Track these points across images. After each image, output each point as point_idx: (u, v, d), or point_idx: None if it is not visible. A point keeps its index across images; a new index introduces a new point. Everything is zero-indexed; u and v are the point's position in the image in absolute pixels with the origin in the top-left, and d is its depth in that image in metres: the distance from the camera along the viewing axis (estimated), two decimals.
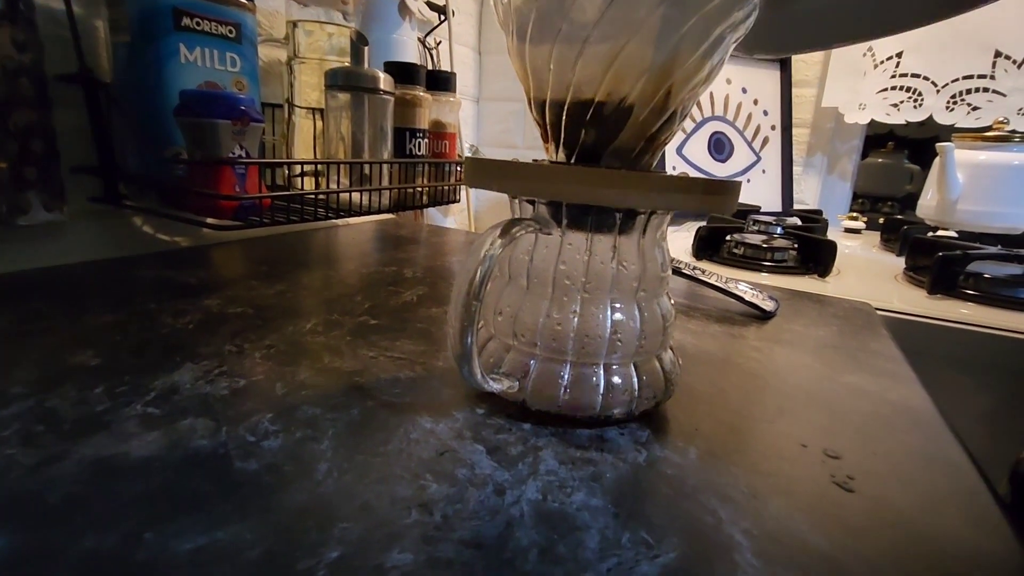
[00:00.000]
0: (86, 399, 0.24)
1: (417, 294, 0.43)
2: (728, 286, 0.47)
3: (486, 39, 1.07)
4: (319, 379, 0.27)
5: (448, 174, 0.63)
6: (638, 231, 0.23)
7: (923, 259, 0.69)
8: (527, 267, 0.24)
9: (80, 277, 0.42)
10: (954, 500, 0.21)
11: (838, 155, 1.20)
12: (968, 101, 0.92)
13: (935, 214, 0.87)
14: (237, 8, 0.43)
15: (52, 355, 0.28)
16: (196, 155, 0.39)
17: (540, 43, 0.21)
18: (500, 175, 0.21)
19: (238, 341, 0.31)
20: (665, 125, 0.22)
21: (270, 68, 0.59)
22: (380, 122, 0.51)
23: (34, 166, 0.40)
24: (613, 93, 0.21)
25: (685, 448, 0.24)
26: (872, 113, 1.04)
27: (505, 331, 0.25)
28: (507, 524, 0.18)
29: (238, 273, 0.46)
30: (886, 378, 0.33)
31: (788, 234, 0.77)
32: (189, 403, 0.24)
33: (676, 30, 0.19)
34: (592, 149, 0.23)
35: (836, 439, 0.25)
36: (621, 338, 0.24)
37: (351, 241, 0.64)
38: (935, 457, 0.25)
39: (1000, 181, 0.81)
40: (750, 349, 0.37)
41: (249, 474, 0.19)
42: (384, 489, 0.19)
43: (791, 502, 0.20)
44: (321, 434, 0.22)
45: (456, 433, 0.23)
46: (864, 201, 1.48)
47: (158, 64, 0.40)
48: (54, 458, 0.19)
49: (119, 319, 0.33)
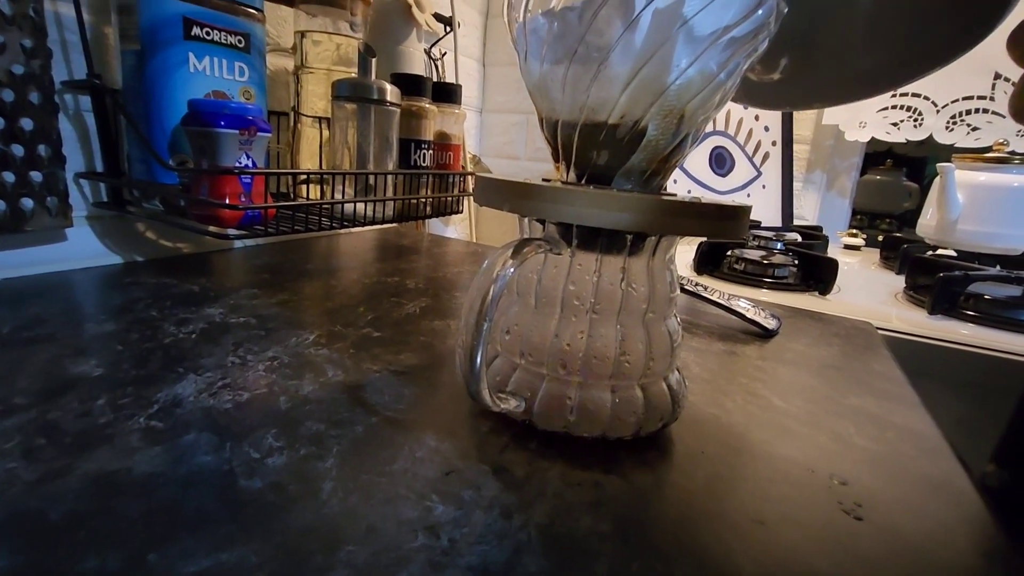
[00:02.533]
0: (88, 411, 0.23)
1: (420, 306, 0.43)
2: (730, 303, 0.47)
3: (490, 51, 1.08)
4: (323, 393, 0.27)
5: (452, 185, 0.63)
6: (647, 253, 0.23)
7: (923, 278, 0.70)
8: (535, 286, 0.24)
9: (83, 284, 0.41)
10: (962, 529, 0.21)
11: (837, 172, 1.20)
12: (968, 122, 0.93)
13: (935, 233, 0.87)
14: (247, 18, 0.43)
15: (54, 364, 0.28)
16: (202, 164, 0.39)
17: (554, 64, 0.21)
18: (512, 195, 0.21)
19: (241, 352, 0.31)
20: (677, 148, 0.22)
21: (276, 76, 0.59)
22: (386, 133, 0.52)
23: (39, 171, 0.40)
24: (627, 116, 0.21)
25: (692, 471, 0.23)
26: (872, 131, 1.05)
27: (513, 350, 0.25)
28: (515, 549, 0.18)
29: (241, 281, 0.46)
30: (890, 401, 0.33)
31: (788, 250, 0.77)
32: (192, 417, 0.24)
33: (691, 55, 0.19)
34: (604, 170, 0.23)
35: (843, 464, 0.25)
36: (629, 359, 0.24)
37: (353, 250, 0.64)
38: (942, 484, 0.25)
39: (1000, 202, 0.81)
40: (753, 369, 0.37)
41: (254, 493, 0.19)
42: (390, 511, 0.19)
43: (800, 531, 0.20)
44: (326, 451, 0.22)
45: (462, 452, 0.23)
46: (863, 218, 1.49)
47: (167, 72, 0.40)
48: (56, 473, 0.19)
49: (121, 327, 0.33)
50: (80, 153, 0.44)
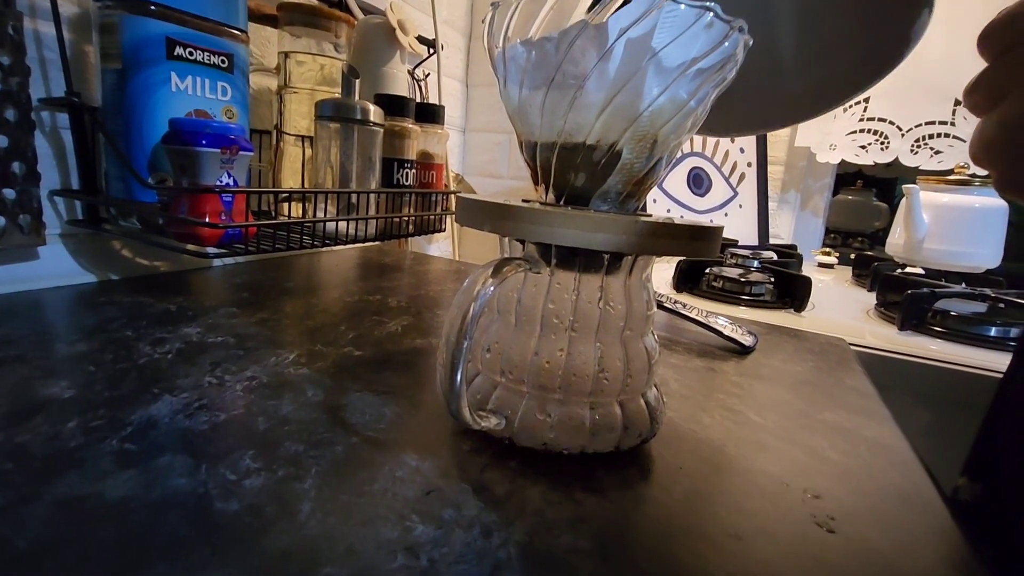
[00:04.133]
0: (58, 434, 0.23)
1: (402, 324, 0.43)
2: (708, 320, 0.48)
3: (473, 72, 1.10)
4: (302, 413, 0.27)
5: (435, 204, 0.64)
6: (624, 272, 0.24)
7: (893, 295, 0.72)
8: (515, 305, 0.25)
9: (55, 303, 0.41)
10: (930, 541, 0.22)
11: (811, 192, 1.24)
12: (931, 145, 0.97)
13: (903, 252, 0.90)
14: (231, 39, 0.44)
15: (23, 386, 0.27)
16: (183, 182, 0.39)
17: (533, 90, 0.22)
18: (493, 216, 0.21)
19: (219, 372, 0.31)
20: (652, 171, 0.23)
21: (259, 95, 0.59)
22: (369, 152, 0.52)
23: (12, 189, 0.39)
24: (602, 140, 0.22)
25: (670, 487, 0.24)
26: (842, 153, 1.08)
27: (493, 368, 0.25)
28: (494, 568, 0.18)
29: (219, 300, 0.45)
30: (861, 415, 0.34)
31: (765, 268, 0.79)
32: (167, 439, 0.23)
33: (661, 85, 0.20)
34: (581, 192, 0.23)
35: (816, 478, 0.26)
36: (608, 376, 0.24)
37: (334, 268, 0.63)
38: (911, 496, 0.25)
39: (963, 222, 0.85)
40: (730, 384, 0.38)
41: (230, 515, 0.19)
42: (369, 532, 0.19)
43: (774, 544, 0.20)
44: (304, 472, 0.22)
45: (442, 471, 0.23)
46: (836, 236, 1.53)
47: (148, 91, 0.40)
48: (24, 499, 0.19)
49: (95, 348, 0.32)
50: (56, 170, 0.43)
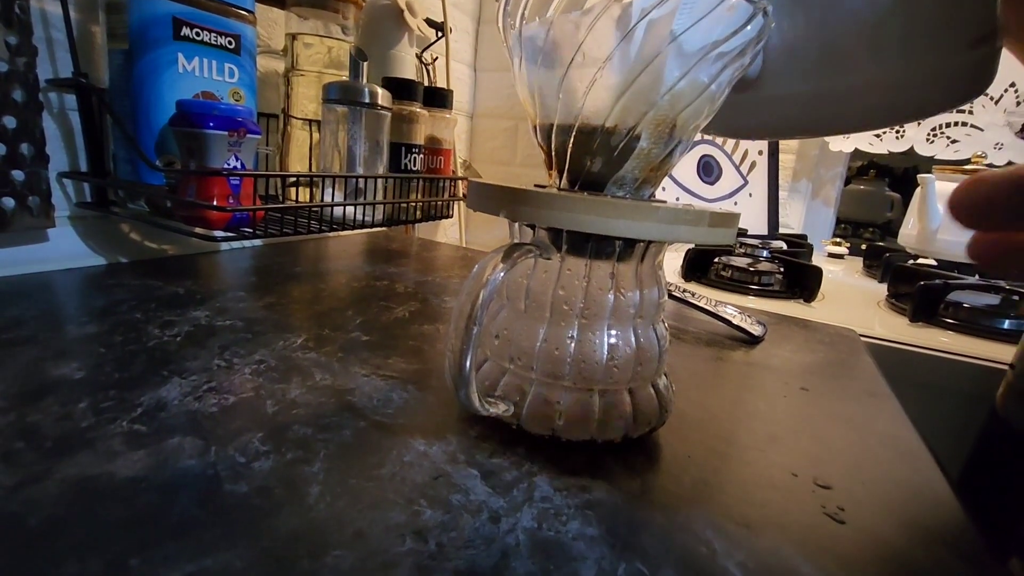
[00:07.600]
0: (69, 414, 0.23)
1: (409, 310, 0.43)
2: (717, 310, 0.48)
3: (482, 56, 1.08)
4: (310, 397, 0.27)
5: (442, 189, 0.63)
6: (636, 258, 0.24)
7: (904, 287, 0.71)
8: (525, 291, 0.24)
9: (64, 285, 0.41)
10: (941, 534, 0.22)
11: (822, 181, 1.23)
12: (948, 134, 0.95)
13: (916, 243, 0.89)
14: (238, 20, 0.43)
15: (34, 366, 0.27)
16: (190, 165, 0.38)
17: (550, 71, 0.22)
18: (508, 201, 0.21)
19: (227, 355, 0.31)
20: (668, 157, 0.22)
21: (266, 78, 0.59)
22: (376, 136, 0.51)
23: (21, 170, 0.39)
24: (621, 123, 0.21)
25: (679, 476, 0.24)
26: (856, 142, 1.07)
27: (501, 354, 0.25)
28: (503, 553, 0.18)
29: (227, 284, 0.45)
30: (872, 407, 0.34)
31: (774, 258, 0.78)
32: (177, 421, 0.23)
33: (682, 68, 0.19)
34: (597, 178, 0.23)
35: (826, 468, 0.25)
36: (617, 364, 0.24)
37: (341, 253, 0.63)
38: (921, 489, 0.25)
39: None
40: (739, 374, 0.37)
41: (239, 497, 0.19)
42: (377, 515, 0.19)
43: (784, 534, 0.20)
44: (313, 456, 0.22)
45: (450, 456, 0.23)
46: (846, 226, 1.52)
47: (155, 72, 0.40)
48: (35, 478, 0.19)
49: (104, 330, 0.32)
50: (64, 152, 0.43)
